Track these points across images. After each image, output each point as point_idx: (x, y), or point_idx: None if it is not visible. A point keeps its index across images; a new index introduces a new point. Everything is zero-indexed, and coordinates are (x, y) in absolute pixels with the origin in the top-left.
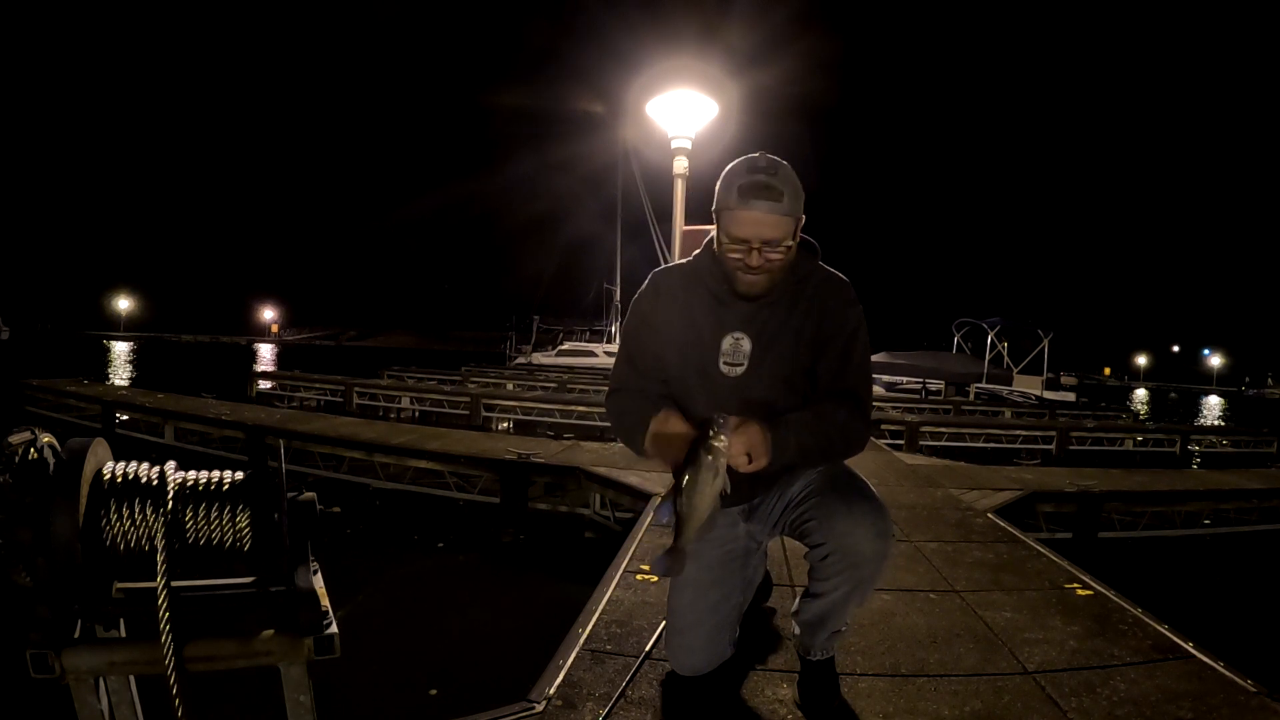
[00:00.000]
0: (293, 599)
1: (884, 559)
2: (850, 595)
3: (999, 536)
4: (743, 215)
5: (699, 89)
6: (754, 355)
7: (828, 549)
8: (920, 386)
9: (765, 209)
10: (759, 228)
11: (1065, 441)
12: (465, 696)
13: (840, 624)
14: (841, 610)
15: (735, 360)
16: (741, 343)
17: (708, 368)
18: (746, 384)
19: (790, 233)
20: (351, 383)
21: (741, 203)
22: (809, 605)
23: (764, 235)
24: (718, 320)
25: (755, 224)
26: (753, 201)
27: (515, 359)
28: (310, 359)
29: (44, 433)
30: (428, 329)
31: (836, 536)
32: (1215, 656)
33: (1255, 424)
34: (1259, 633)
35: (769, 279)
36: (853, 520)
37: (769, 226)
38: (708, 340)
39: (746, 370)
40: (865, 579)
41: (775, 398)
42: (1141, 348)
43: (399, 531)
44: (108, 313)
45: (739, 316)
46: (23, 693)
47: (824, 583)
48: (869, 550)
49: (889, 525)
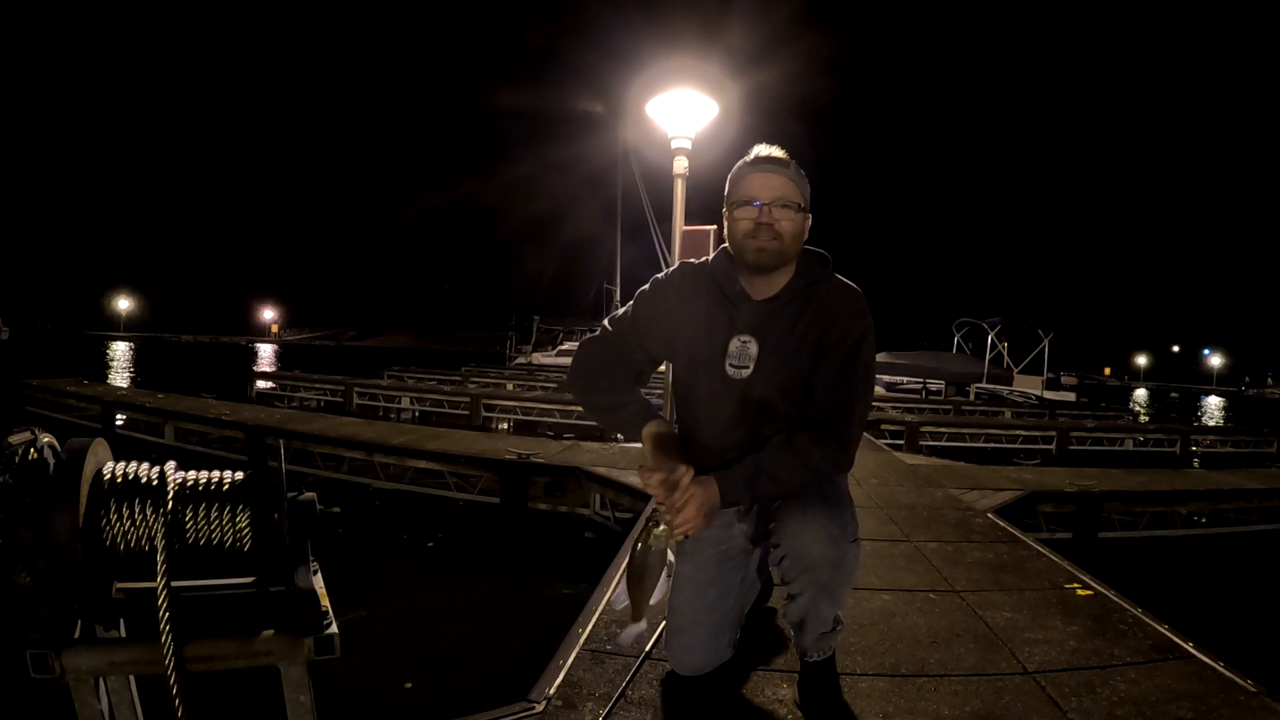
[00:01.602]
0: (293, 599)
1: (838, 565)
2: (817, 599)
3: (999, 536)
4: (752, 177)
5: (699, 89)
6: (760, 359)
7: (783, 551)
8: (920, 386)
9: (772, 169)
10: (767, 184)
11: (1065, 441)
12: (466, 696)
13: (823, 627)
14: (815, 614)
15: (741, 363)
16: (749, 346)
17: (714, 368)
18: (750, 386)
19: (797, 199)
20: (351, 383)
21: (751, 169)
22: (788, 607)
23: (772, 188)
24: (727, 321)
25: (763, 182)
26: (761, 164)
27: (515, 359)
28: (310, 359)
29: (44, 433)
30: (428, 329)
31: (788, 540)
32: (1215, 656)
33: (1255, 424)
34: (1259, 633)
35: (779, 246)
36: (804, 524)
37: (776, 184)
38: (717, 340)
39: (752, 373)
40: (824, 583)
41: (774, 402)
42: (1141, 348)
43: (399, 531)
44: (108, 313)
45: (748, 320)
46: (23, 693)
47: (790, 586)
48: (819, 554)
49: (844, 529)
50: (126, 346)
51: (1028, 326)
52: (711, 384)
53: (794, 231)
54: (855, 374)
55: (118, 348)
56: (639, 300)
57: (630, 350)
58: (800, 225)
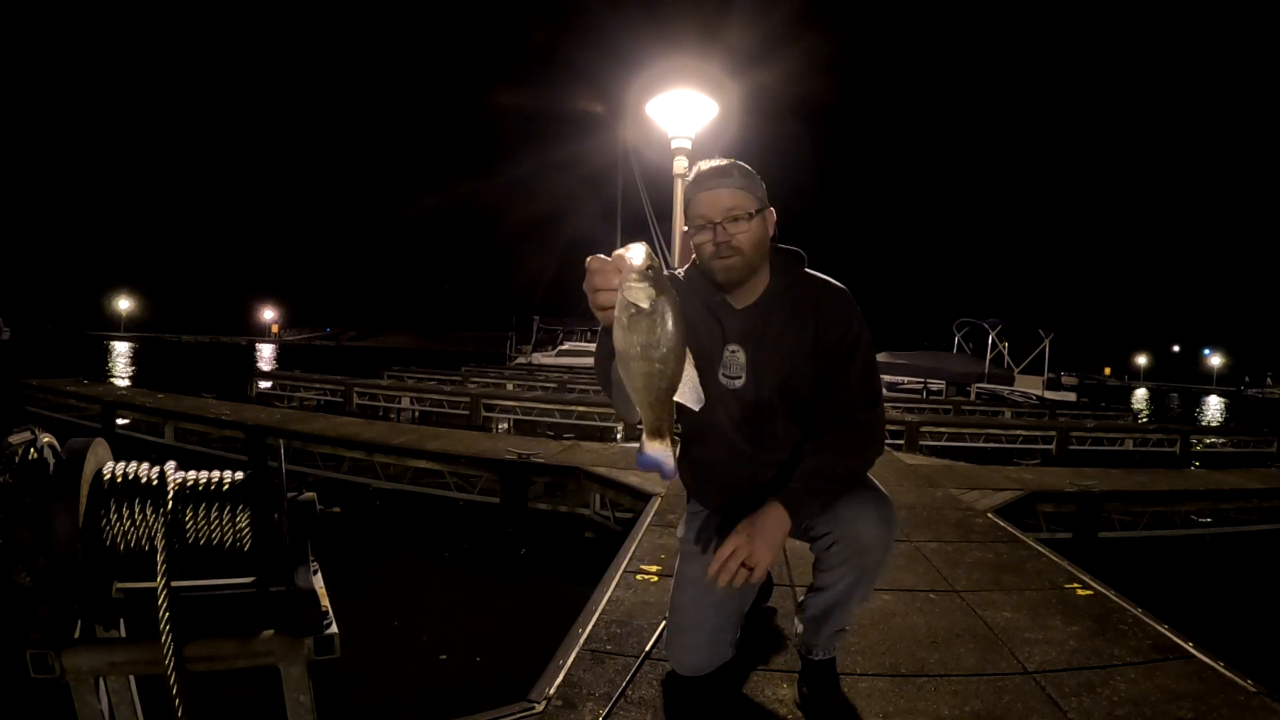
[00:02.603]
0: (293, 599)
1: (887, 548)
2: (855, 586)
3: (999, 536)
4: (699, 197)
5: (699, 89)
6: (751, 367)
7: (833, 537)
8: (920, 386)
9: (718, 184)
10: (715, 201)
11: (1065, 441)
12: (465, 696)
13: (845, 620)
14: (846, 603)
15: (733, 373)
16: (738, 355)
17: (706, 380)
18: (746, 395)
19: (749, 207)
20: (351, 383)
21: (696, 188)
22: (814, 599)
23: (722, 204)
24: (715, 332)
25: (711, 200)
26: (707, 183)
27: (515, 359)
28: (310, 359)
29: (44, 433)
30: (428, 329)
31: (841, 524)
32: (1215, 656)
33: (1255, 424)
34: (1259, 633)
35: (742, 261)
36: (857, 507)
37: (725, 198)
38: (706, 352)
39: (745, 382)
40: (869, 567)
41: (775, 406)
42: (1141, 348)
43: (399, 531)
44: (108, 313)
45: (735, 329)
46: (23, 693)
47: (828, 574)
48: (873, 537)
49: (893, 514)
50: (127, 346)
51: (1028, 326)
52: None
53: (754, 240)
54: (868, 366)
55: (118, 348)
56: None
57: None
58: (759, 230)
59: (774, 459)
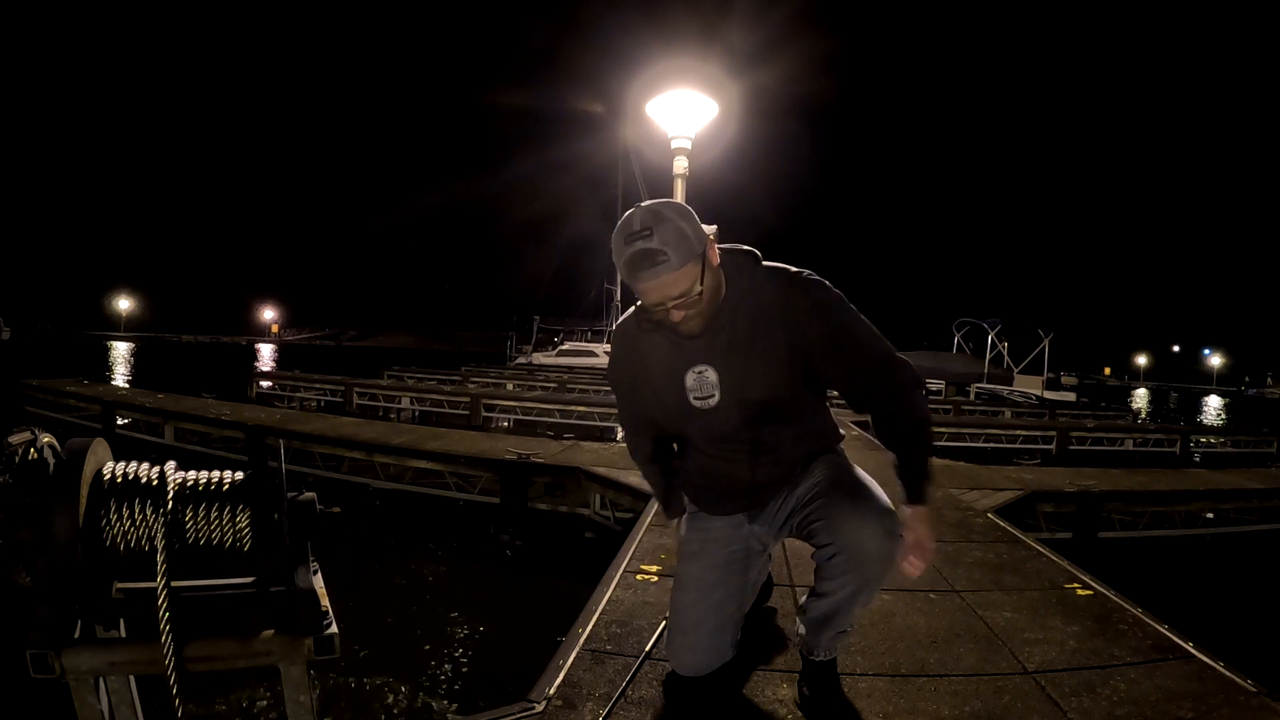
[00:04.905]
0: (293, 599)
1: (891, 560)
2: (857, 594)
3: (999, 536)
4: (639, 288)
5: (699, 89)
6: (724, 382)
7: (835, 549)
8: None
9: (653, 275)
10: (659, 293)
11: (1065, 441)
12: (465, 696)
13: (846, 624)
14: (848, 609)
15: (704, 393)
16: (706, 374)
17: (681, 407)
18: (725, 410)
19: (692, 281)
20: (351, 383)
21: (632, 278)
22: (816, 604)
23: (667, 295)
24: (678, 359)
25: (653, 292)
26: (641, 274)
27: (515, 359)
28: (310, 359)
29: (44, 433)
30: (428, 329)
31: (843, 536)
32: (1215, 656)
33: (1255, 424)
34: (1259, 633)
35: (701, 317)
36: (859, 520)
37: (667, 287)
38: (675, 381)
39: (720, 399)
40: (872, 578)
41: (758, 413)
42: (1141, 348)
43: (399, 531)
44: (108, 313)
45: (699, 349)
46: (23, 693)
47: (830, 582)
48: (875, 550)
49: (896, 525)
50: (126, 347)
51: (1028, 327)
52: (690, 419)
53: (709, 294)
54: (870, 337)
55: (118, 348)
56: (611, 383)
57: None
58: (710, 282)
59: (769, 458)
